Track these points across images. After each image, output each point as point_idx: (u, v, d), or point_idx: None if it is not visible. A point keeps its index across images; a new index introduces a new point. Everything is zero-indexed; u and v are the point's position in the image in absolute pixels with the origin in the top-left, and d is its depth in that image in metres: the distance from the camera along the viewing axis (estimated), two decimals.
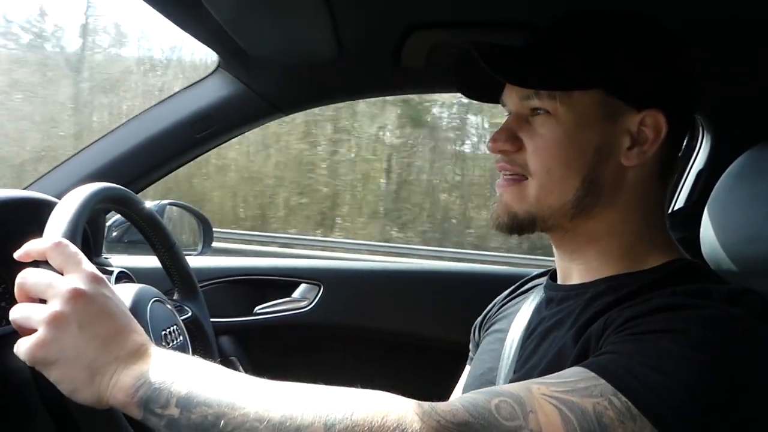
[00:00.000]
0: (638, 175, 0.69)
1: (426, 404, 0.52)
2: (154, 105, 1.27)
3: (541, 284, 0.82)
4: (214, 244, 1.89)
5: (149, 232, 1.00)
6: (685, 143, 1.45)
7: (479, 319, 0.95)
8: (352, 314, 1.38)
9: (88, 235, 1.15)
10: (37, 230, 0.66)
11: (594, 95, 0.67)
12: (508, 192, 0.71)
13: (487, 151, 0.80)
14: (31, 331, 0.57)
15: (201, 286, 1.14)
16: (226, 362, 1.41)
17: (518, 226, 0.71)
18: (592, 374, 0.53)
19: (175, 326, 0.93)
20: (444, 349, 0.96)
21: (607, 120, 0.68)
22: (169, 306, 0.95)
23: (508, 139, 0.70)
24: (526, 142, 0.70)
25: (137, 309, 0.83)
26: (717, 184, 0.81)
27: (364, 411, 0.50)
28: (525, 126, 0.70)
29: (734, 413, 0.51)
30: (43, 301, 0.58)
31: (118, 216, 1.51)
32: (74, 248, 0.62)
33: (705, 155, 1.40)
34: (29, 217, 0.85)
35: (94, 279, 0.60)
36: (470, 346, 0.96)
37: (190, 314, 1.06)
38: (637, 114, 0.67)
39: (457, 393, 0.93)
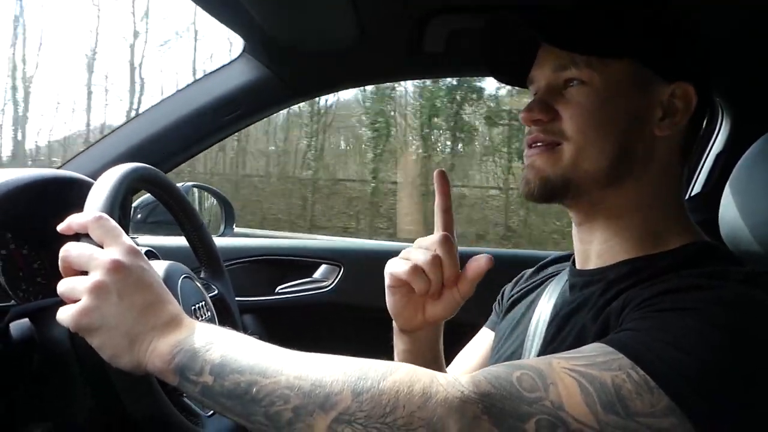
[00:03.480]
0: (666, 148, 0.71)
1: (450, 375, 0.54)
2: (182, 88, 1.30)
3: (563, 269, 0.83)
4: None
5: (178, 212, 1.02)
6: (704, 125, 1.46)
7: (509, 285, 0.96)
8: (372, 294, 1.39)
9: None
10: (72, 208, 0.69)
11: (628, 65, 0.69)
12: (541, 158, 0.71)
13: None
14: (75, 301, 0.60)
15: (225, 266, 1.17)
16: None
17: (550, 191, 0.71)
18: (611, 349, 0.54)
19: (203, 302, 0.96)
20: (464, 330, 0.97)
21: (641, 90, 0.69)
22: (197, 283, 0.98)
23: (543, 109, 0.71)
24: (561, 111, 0.70)
25: (169, 284, 0.86)
26: (736, 166, 0.82)
27: (391, 380, 0.52)
28: (558, 98, 0.71)
29: (751, 391, 0.52)
30: (86, 273, 0.61)
31: (143, 197, 1.54)
32: (113, 223, 0.65)
33: (724, 138, 1.40)
34: (64, 195, 0.88)
35: (132, 251, 0.63)
36: (494, 306, 0.97)
37: (216, 292, 1.09)
38: (668, 85, 0.69)
39: (465, 360, 0.95)
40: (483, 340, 0.95)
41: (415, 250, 0.73)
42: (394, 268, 0.72)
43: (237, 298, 1.18)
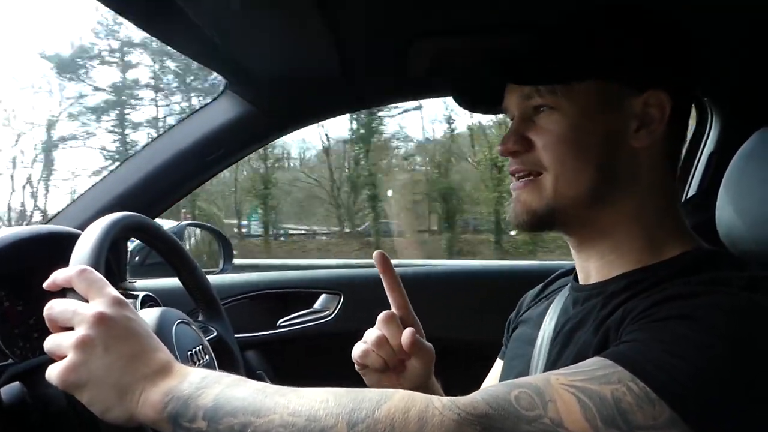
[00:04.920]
0: (650, 158, 0.70)
1: (446, 398, 0.53)
2: (164, 132, 1.30)
3: (566, 284, 0.83)
4: None
5: (170, 256, 1.02)
6: (694, 127, 1.45)
7: (513, 314, 0.95)
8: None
9: (110, 263, 1.17)
10: (62, 261, 0.69)
11: (592, 84, 0.68)
12: (525, 191, 0.72)
13: None
14: (63, 358, 0.59)
15: (224, 303, 1.16)
16: (253, 376, 1.41)
17: (539, 222, 0.72)
18: (610, 362, 0.54)
19: (201, 346, 0.94)
20: (468, 351, 0.96)
21: (611, 106, 0.69)
22: (193, 327, 0.97)
23: (517, 141, 0.72)
24: (535, 140, 0.71)
25: (162, 331, 0.85)
26: (729, 165, 0.81)
27: (386, 407, 0.51)
28: (531, 125, 0.71)
29: (754, 400, 0.51)
30: (72, 329, 0.60)
31: (138, 241, 1.54)
32: (98, 275, 0.65)
33: (715, 138, 1.40)
34: (53, 249, 0.88)
35: (117, 302, 0.62)
36: (503, 340, 0.97)
37: (215, 334, 1.07)
38: (640, 96, 0.68)
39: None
40: (496, 373, 0.94)
41: (368, 332, 0.79)
42: (354, 351, 0.79)
43: (238, 335, 1.17)
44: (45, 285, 0.65)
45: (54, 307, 0.62)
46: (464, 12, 0.99)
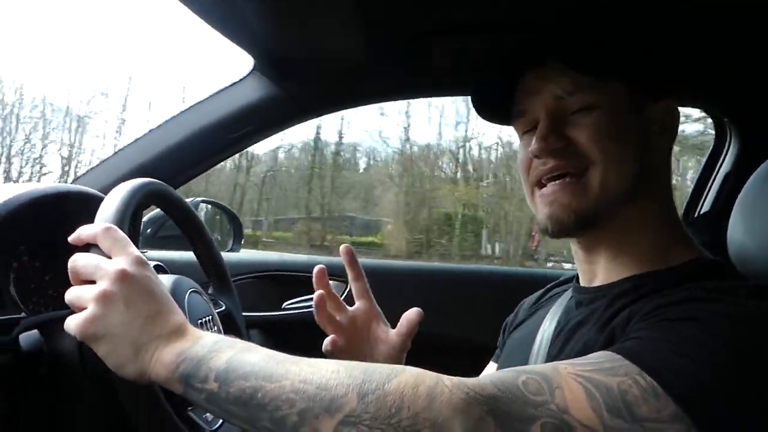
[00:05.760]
0: (665, 164, 0.73)
1: (455, 378, 0.54)
2: (192, 105, 1.31)
3: (566, 289, 0.84)
4: None
5: (187, 227, 1.03)
6: (712, 146, 1.46)
7: (510, 317, 0.96)
8: None
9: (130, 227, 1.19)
10: (83, 222, 0.70)
11: (622, 87, 0.71)
12: (564, 193, 0.71)
13: None
14: (82, 310, 0.61)
15: (232, 281, 1.17)
16: None
17: (581, 223, 0.71)
18: (618, 356, 0.55)
19: (210, 316, 0.96)
20: (471, 349, 0.97)
21: (637, 109, 0.71)
22: (205, 297, 0.99)
23: (559, 138, 0.71)
24: (576, 136, 0.71)
25: (176, 297, 0.86)
26: (744, 187, 0.82)
27: (396, 381, 0.52)
28: (567, 124, 0.72)
29: (759, 399, 0.52)
30: (94, 283, 0.62)
31: (152, 213, 1.56)
32: (122, 234, 0.66)
33: (732, 159, 1.40)
34: (75, 209, 0.89)
35: (139, 262, 0.64)
36: (498, 342, 0.98)
37: (223, 307, 1.09)
38: (655, 103, 0.72)
39: None
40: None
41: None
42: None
43: (243, 314, 1.19)
44: (70, 239, 0.66)
45: (78, 260, 0.63)
46: (488, 9, 1.00)
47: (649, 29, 0.74)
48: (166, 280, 0.90)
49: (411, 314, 0.87)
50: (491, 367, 0.96)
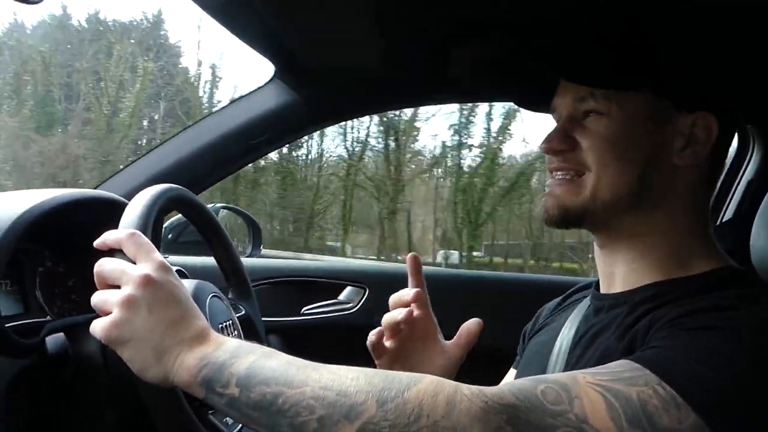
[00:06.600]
0: (688, 177, 0.71)
1: (474, 387, 0.54)
2: (214, 112, 1.33)
3: (585, 296, 0.83)
4: None
5: (208, 233, 1.04)
6: (735, 153, 1.44)
7: (529, 324, 0.96)
8: None
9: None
10: (106, 227, 0.71)
11: (645, 97, 0.70)
12: (561, 187, 0.73)
13: None
14: (108, 314, 0.62)
15: (252, 286, 1.18)
16: None
17: (568, 218, 0.73)
18: (638, 365, 0.54)
19: (231, 321, 0.97)
20: (489, 356, 0.97)
21: (659, 120, 0.70)
22: (225, 302, 0.99)
23: (562, 140, 0.73)
24: (581, 140, 0.72)
25: (197, 302, 0.86)
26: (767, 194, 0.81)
27: (415, 389, 0.52)
28: (578, 127, 0.72)
29: None
30: (119, 287, 0.63)
31: (173, 219, 1.57)
32: (146, 239, 0.67)
33: (755, 166, 1.39)
34: (99, 214, 0.90)
35: (163, 267, 0.64)
36: (518, 349, 0.98)
37: (243, 312, 1.10)
38: (689, 116, 0.70)
39: None
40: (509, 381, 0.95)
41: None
42: (370, 336, 0.85)
43: (262, 319, 1.20)
44: (95, 243, 0.67)
45: (104, 265, 0.64)
46: (506, 13, 1.00)
47: (667, 35, 0.72)
48: (188, 284, 0.91)
49: (471, 325, 0.86)
50: (512, 375, 0.96)
